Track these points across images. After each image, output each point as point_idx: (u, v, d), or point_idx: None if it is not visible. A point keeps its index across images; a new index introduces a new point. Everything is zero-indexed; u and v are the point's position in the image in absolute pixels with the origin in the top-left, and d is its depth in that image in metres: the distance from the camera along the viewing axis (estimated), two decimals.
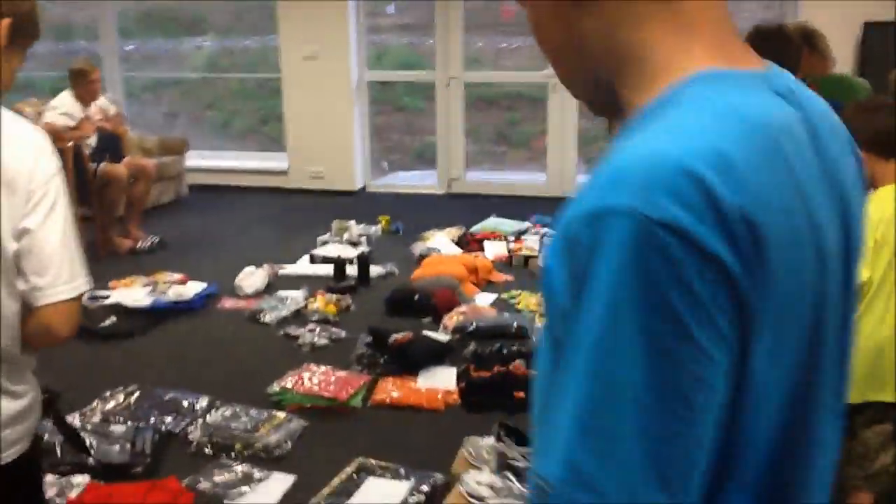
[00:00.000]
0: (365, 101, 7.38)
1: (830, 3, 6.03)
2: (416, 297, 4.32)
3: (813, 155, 0.68)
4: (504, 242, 5.47)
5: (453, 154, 7.28)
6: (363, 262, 4.80)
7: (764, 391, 0.63)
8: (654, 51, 0.69)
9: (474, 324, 3.80)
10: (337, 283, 4.69)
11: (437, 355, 3.58)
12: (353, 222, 5.83)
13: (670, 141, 0.61)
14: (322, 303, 4.38)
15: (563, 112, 6.94)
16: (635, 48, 0.70)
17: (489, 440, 2.67)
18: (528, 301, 4.44)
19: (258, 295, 4.58)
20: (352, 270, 4.83)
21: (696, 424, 0.59)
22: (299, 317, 4.27)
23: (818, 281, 0.66)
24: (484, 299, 4.51)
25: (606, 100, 0.75)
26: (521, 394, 3.26)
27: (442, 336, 3.88)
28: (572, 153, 7.08)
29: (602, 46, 0.72)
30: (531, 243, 5.40)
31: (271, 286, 4.74)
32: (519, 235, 5.71)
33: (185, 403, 3.25)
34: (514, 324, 3.78)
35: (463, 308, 4.20)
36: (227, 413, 3.15)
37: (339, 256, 4.92)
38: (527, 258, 5.16)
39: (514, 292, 4.61)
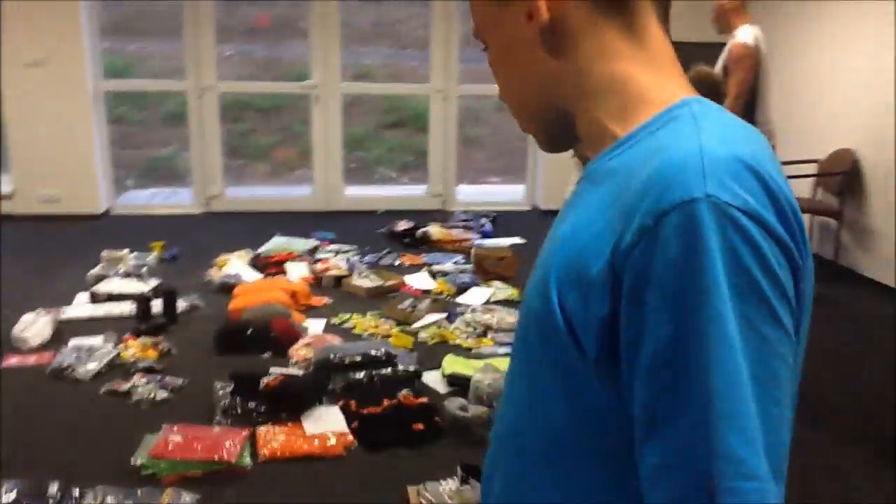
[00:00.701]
0: (103, 113, 6.54)
1: None
2: (250, 330, 3.92)
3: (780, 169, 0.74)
4: (306, 263, 5.18)
5: (209, 170, 6.73)
6: (170, 297, 4.24)
7: (797, 371, 0.70)
8: (630, 83, 0.76)
9: (335, 355, 3.53)
10: (142, 323, 4.09)
11: (318, 394, 3.27)
12: (126, 251, 5.15)
13: (717, 140, 0.66)
14: (138, 348, 3.80)
15: (328, 124, 6.75)
16: (613, 81, 0.76)
17: (450, 484, 2.49)
18: (364, 324, 4.25)
19: (46, 346, 3.84)
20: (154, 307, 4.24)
21: (787, 406, 0.65)
22: (117, 368, 3.65)
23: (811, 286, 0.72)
24: (314, 326, 4.22)
25: (565, 133, 0.82)
26: (420, 425, 3.11)
27: (296, 370, 3.57)
28: (338, 166, 6.92)
29: (574, 83, 0.78)
30: (338, 262, 5.18)
31: (58, 334, 4.00)
32: (312, 254, 5.45)
33: (30, 497, 2.61)
34: (381, 350, 3.59)
35: (307, 339, 3.90)
36: (96, 500, 2.59)
37: (141, 293, 4.30)
38: (338, 278, 4.93)
39: (343, 315, 4.38)
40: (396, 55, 8.00)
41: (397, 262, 5.45)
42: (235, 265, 5.01)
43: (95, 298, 4.49)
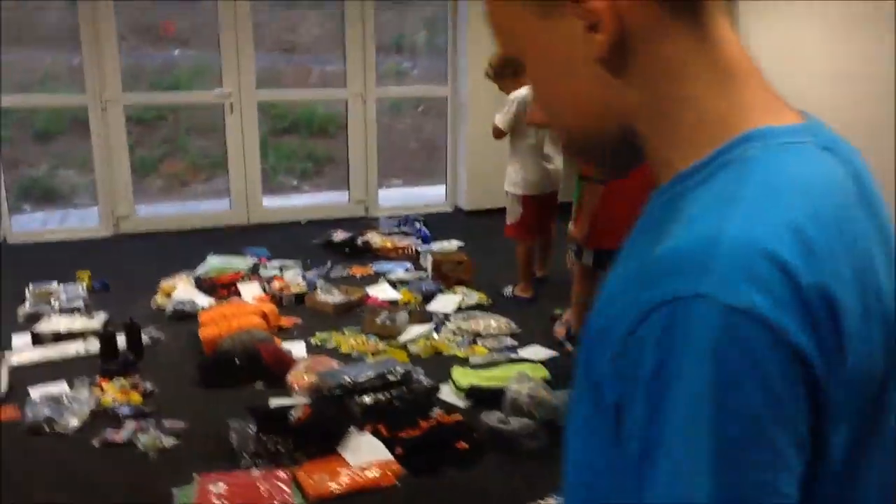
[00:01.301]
0: None
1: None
2: (237, 360, 3.66)
3: (867, 212, 0.65)
4: (257, 283, 4.89)
5: (118, 188, 6.23)
6: (134, 331, 3.88)
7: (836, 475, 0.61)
8: (697, 105, 0.65)
9: (349, 378, 3.35)
10: (110, 363, 3.71)
11: (349, 423, 3.09)
12: (55, 284, 4.68)
13: (742, 220, 0.57)
14: (116, 392, 3.45)
15: (244, 133, 6.42)
16: (677, 104, 0.66)
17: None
18: (348, 342, 4.06)
19: (5, 400, 3.42)
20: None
21: None
22: (100, 416, 3.29)
23: (886, 350, 0.63)
24: (295, 349, 3.99)
25: (624, 158, 0.73)
26: (464, 444, 3.01)
27: (302, 398, 3.37)
28: (257, 177, 6.60)
29: (636, 104, 0.67)
30: (293, 278, 4.93)
31: (11, 384, 3.57)
32: (255, 272, 5.17)
33: None
34: (397, 368, 3.44)
35: (302, 363, 3.68)
36: None
37: (105, 330, 3.90)
38: (300, 296, 4.69)
39: (321, 335, 4.17)
40: (287, 59, 7.73)
41: (345, 274, 5.26)
42: (184, 291, 4.65)
43: (39, 340, 4.03)
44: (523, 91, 4.62)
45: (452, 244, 5.70)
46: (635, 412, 0.57)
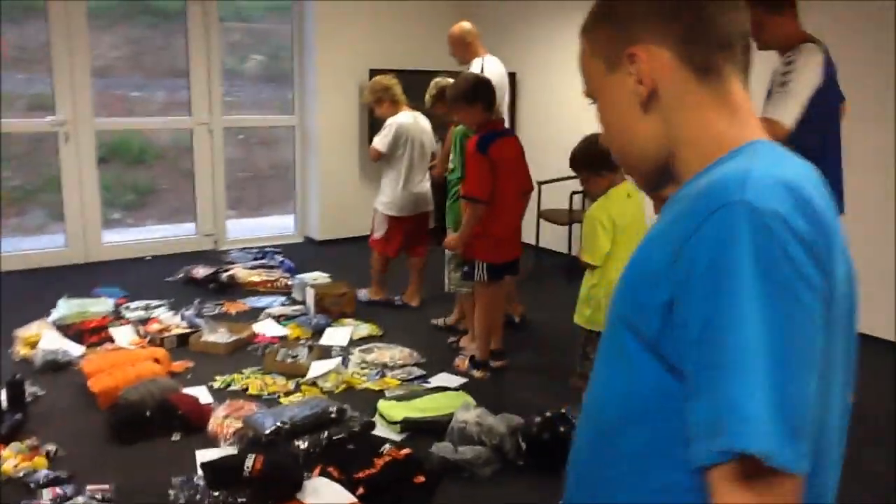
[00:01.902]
0: None
1: (340, 51, 6.65)
2: (148, 413, 3.40)
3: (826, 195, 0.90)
4: (131, 326, 4.55)
5: None
6: (17, 387, 3.48)
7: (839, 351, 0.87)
8: (714, 132, 0.94)
9: (284, 421, 3.23)
10: None
11: (302, 468, 2.99)
12: None
13: (762, 165, 0.84)
14: (17, 458, 3.08)
15: (81, 164, 5.95)
16: (700, 131, 0.94)
17: None
18: (256, 384, 3.90)
19: None
20: None
21: (812, 376, 0.79)
22: (10, 488, 2.93)
23: (849, 291, 0.88)
24: (200, 395, 3.77)
25: (661, 176, 1.01)
26: (421, 477, 3.02)
27: (229, 448, 3.22)
28: (97, 211, 6.12)
29: (669, 135, 0.96)
30: (171, 318, 4.63)
31: None
32: (118, 316, 4.80)
33: None
34: (330, 407, 3.36)
35: (220, 410, 3.49)
36: None
37: None
38: (183, 337, 4.43)
39: (223, 378, 3.98)
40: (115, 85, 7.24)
41: (218, 312, 5.03)
42: (50, 339, 4.22)
43: None
44: (401, 117, 4.91)
45: (316, 275, 5.62)
46: (693, 301, 0.80)
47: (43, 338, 4.22)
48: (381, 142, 4.94)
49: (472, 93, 3.99)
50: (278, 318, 4.88)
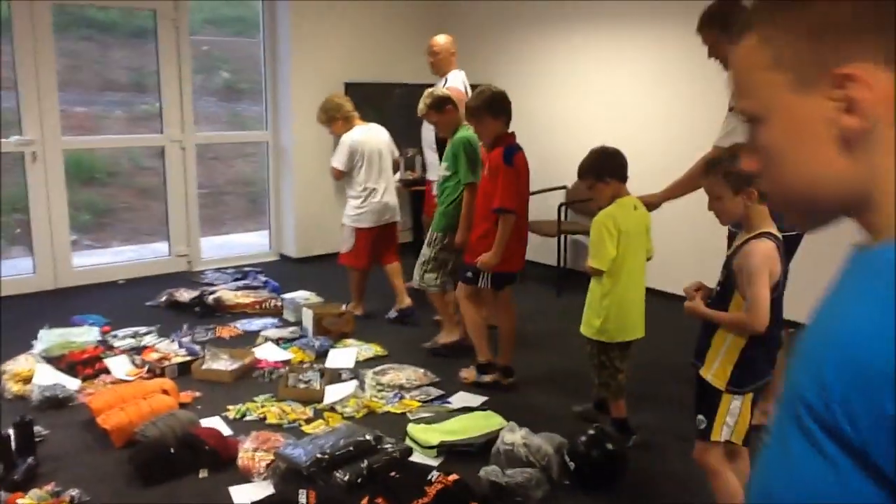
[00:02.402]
0: None
1: (315, 64, 6.53)
2: (172, 449, 3.23)
3: None
4: (126, 357, 4.33)
5: None
6: (27, 429, 3.25)
7: None
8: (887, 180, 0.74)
9: (323, 452, 3.10)
10: (12, 473, 3.08)
11: (350, 500, 2.86)
12: None
13: None
14: None
15: (48, 186, 5.66)
16: (878, 179, 0.75)
17: None
18: (274, 412, 3.75)
19: None
20: None
21: None
22: None
23: None
24: (217, 425, 3.61)
25: (833, 219, 0.83)
26: (475, 503, 2.94)
27: (262, 481, 3.08)
28: (65, 235, 5.83)
29: (870, 179, 0.76)
30: (169, 345, 4.43)
31: None
32: (107, 345, 4.57)
33: None
34: (365, 435, 3.25)
35: (247, 443, 3.34)
36: None
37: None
38: (184, 365, 4.23)
39: (237, 407, 3.81)
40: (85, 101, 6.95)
41: (209, 337, 4.83)
42: (44, 374, 3.98)
43: None
44: (354, 133, 5.11)
45: (307, 295, 5.46)
46: None
47: (36, 373, 3.97)
48: (338, 160, 5.12)
49: (499, 105, 4.01)
50: (277, 342, 4.72)
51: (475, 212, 4.16)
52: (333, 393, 3.95)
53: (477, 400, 3.99)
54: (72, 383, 3.97)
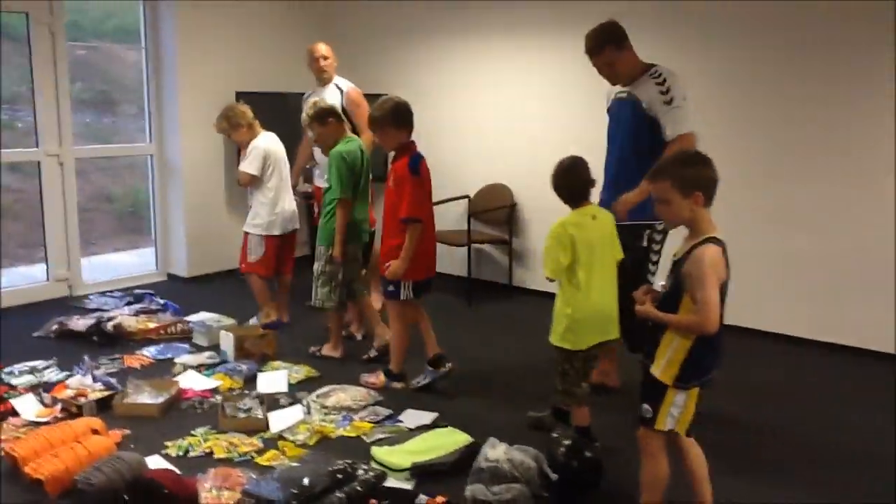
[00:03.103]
0: None
1: (203, 73, 6.21)
2: (126, 496, 2.92)
3: None
4: (33, 395, 3.89)
5: None
6: None
7: None
8: None
9: (298, 486, 2.92)
10: None
11: None
12: None
13: None
14: None
15: None
16: None
17: None
18: (220, 445, 3.49)
19: None
20: None
21: None
22: None
23: None
24: (160, 465, 3.31)
25: None
26: None
27: None
28: None
29: None
30: (77, 381, 4.01)
31: None
32: (2, 383, 4.10)
33: None
34: (337, 463, 3.08)
35: (205, 482, 3.08)
36: None
37: None
38: (104, 399, 3.85)
39: (178, 443, 3.51)
40: None
41: (118, 368, 4.44)
42: None
43: None
44: (264, 139, 5.12)
45: (217, 317, 5.14)
46: None
47: None
48: (251, 165, 5.06)
49: (401, 116, 4.04)
50: (197, 369, 4.41)
51: (386, 224, 4.14)
52: (279, 420, 3.73)
53: (427, 416, 3.89)
54: None
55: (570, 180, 3.39)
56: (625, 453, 3.28)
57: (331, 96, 5.23)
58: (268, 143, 5.12)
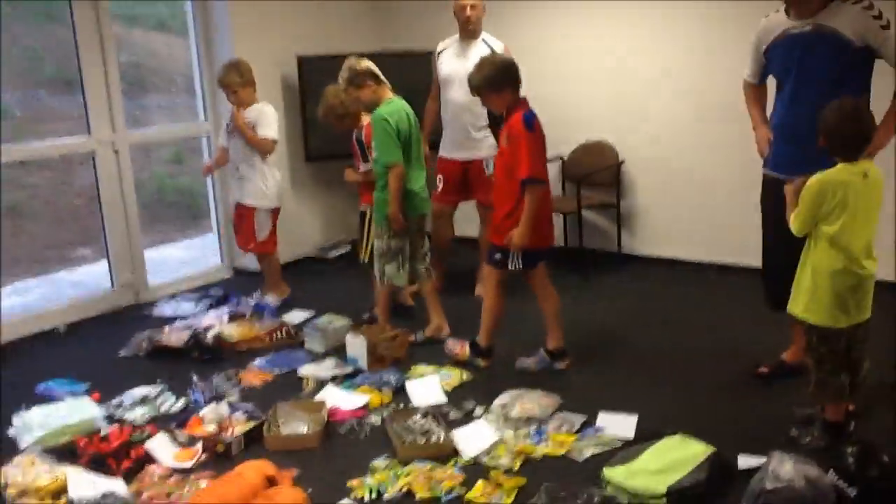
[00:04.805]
0: None
1: (261, 39, 5.53)
2: None
3: None
4: (166, 435, 3.27)
5: None
6: None
7: None
8: None
9: None
10: None
11: None
12: None
13: None
14: None
15: None
16: None
17: None
18: (418, 482, 2.91)
19: None
20: None
21: None
22: None
23: None
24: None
25: None
26: None
27: None
28: None
29: None
30: (211, 411, 3.40)
31: None
32: (117, 420, 3.49)
33: None
34: (596, 497, 2.52)
35: None
36: None
37: None
38: (250, 433, 3.24)
39: (367, 483, 2.92)
40: None
41: (239, 389, 3.82)
42: (81, 482, 2.88)
43: None
44: (260, 105, 4.75)
45: (331, 318, 4.50)
46: None
47: (69, 482, 2.86)
48: (273, 129, 4.73)
49: (501, 79, 3.67)
50: (333, 382, 3.81)
51: (498, 188, 3.79)
52: (468, 442, 3.15)
53: (628, 420, 3.34)
54: (115, 486, 2.90)
55: (853, 127, 2.79)
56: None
57: (479, 56, 4.58)
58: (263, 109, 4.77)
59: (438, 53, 4.85)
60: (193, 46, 5.55)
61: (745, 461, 2.93)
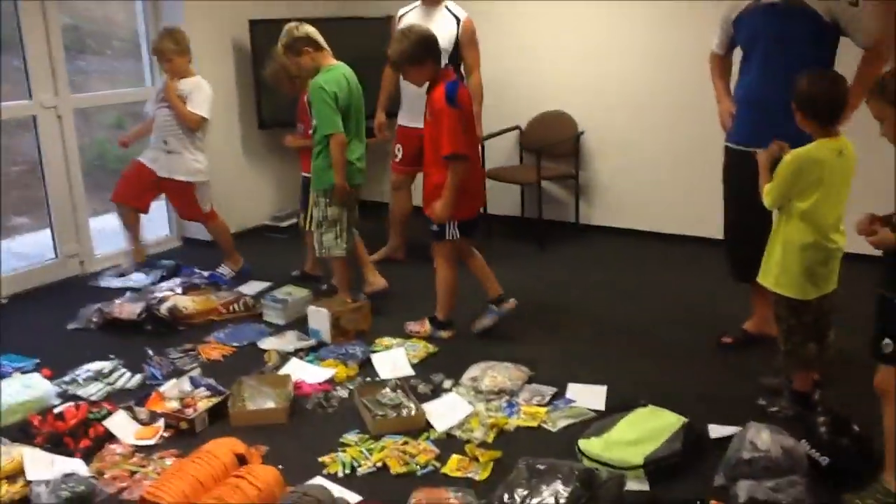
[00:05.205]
0: None
1: (213, 2, 5.33)
2: None
3: None
4: (125, 412, 3.14)
5: None
6: None
7: None
8: None
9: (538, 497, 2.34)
10: None
11: None
12: None
13: None
14: None
15: None
16: None
17: None
18: (392, 456, 2.86)
19: None
20: None
21: None
22: None
23: None
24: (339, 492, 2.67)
25: None
26: None
27: None
28: None
29: None
30: (170, 388, 3.27)
31: None
32: (71, 397, 3.35)
33: None
34: (575, 469, 2.51)
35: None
36: None
37: None
38: (214, 409, 3.14)
39: (338, 457, 2.86)
40: None
41: (193, 364, 3.69)
42: (37, 461, 2.74)
43: None
44: (196, 79, 4.58)
45: (290, 289, 4.39)
46: None
47: (26, 463, 2.72)
48: (205, 108, 4.55)
49: (421, 51, 3.62)
50: (296, 355, 3.72)
51: (427, 160, 3.78)
52: (440, 416, 3.12)
53: (597, 391, 3.35)
54: (75, 465, 2.77)
55: (832, 91, 2.80)
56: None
57: (442, 24, 4.48)
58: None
59: (399, 18, 4.74)
60: (140, 9, 5.29)
61: (716, 430, 2.96)
